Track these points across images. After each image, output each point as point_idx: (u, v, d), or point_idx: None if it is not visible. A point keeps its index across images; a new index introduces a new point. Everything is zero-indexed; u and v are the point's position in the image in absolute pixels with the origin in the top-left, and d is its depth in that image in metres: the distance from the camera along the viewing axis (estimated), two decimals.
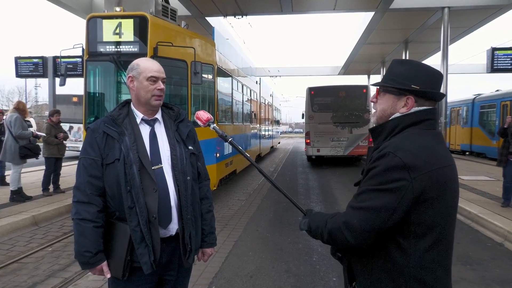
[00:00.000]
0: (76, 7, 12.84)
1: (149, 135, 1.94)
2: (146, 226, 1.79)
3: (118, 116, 1.91)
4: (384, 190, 1.32)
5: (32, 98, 54.82)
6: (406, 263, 1.34)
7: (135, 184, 1.78)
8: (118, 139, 1.83)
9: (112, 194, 1.83)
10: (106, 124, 1.87)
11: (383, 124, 1.51)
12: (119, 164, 1.79)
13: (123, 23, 6.11)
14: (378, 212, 1.31)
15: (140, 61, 1.95)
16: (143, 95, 1.90)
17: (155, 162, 1.89)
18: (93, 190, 1.80)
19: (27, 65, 10.88)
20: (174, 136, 1.98)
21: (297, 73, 32.26)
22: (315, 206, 7.85)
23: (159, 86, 1.92)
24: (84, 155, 1.85)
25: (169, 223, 1.89)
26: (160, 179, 1.87)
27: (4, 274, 4.28)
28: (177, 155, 1.94)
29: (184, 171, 1.94)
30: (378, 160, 1.36)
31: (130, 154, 1.81)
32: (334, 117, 14.57)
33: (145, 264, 1.80)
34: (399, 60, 1.54)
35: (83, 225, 1.78)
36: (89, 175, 1.81)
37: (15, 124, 6.97)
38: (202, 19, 14.36)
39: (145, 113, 1.96)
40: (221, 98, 8.88)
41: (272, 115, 22.50)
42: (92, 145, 1.84)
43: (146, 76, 1.89)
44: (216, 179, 7.83)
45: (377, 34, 16.31)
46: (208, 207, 2.16)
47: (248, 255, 4.88)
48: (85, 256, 1.77)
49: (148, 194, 1.81)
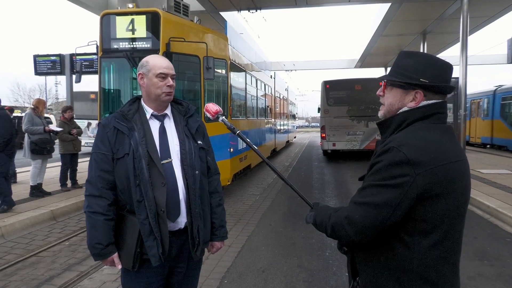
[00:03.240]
0: (92, 4, 13.02)
1: (158, 130, 1.98)
2: (155, 219, 1.83)
3: (128, 111, 1.96)
4: (386, 185, 1.29)
5: (53, 95, 56.18)
6: (410, 260, 1.31)
7: (144, 178, 1.82)
8: (128, 134, 1.87)
9: (122, 188, 1.87)
10: (116, 120, 1.91)
11: (391, 118, 1.47)
12: (129, 159, 1.84)
13: (136, 19, 6.16)
14: (380, 208, 1.29)
15: (149, 58, 1.98)
16: (153, 91, 1.94)
17: (165, 156, 1.93)
18: (104, 184, 1.86)
19: (45, 63, 11.10)
20: (183, 131, 2.02)
21: (313, 66, 31.99)
22: (329, 201, 7.80)
23: (169, 83, 1.95)
24: (96, 150, 1.90)
25: (178, 217, 1.93)
26: (169, 173, 1.91)
27: (23, 267, 4.40)
28: (186, 149, 1.98)
29: (192, 165, 1.97)
30: (382, 155, 1.33)
31: (139, 148, 1.85)
32: (350, 110, 14.40)
33: (153, 257, 1.84)
34: (406, 52, 1.48)
35: (94, 218, 1.84)
36: (100, 169, 1.86)
37: (24, 120, 7.17)
38: (216, 14, 14.37)
39: (155, 108, 2.00)
40: (235, 93, 8.87)
41: (287, 109, 22.38)
42: (103, 140, 1.89)
43: (155, 73, 1.92)
44: (230, 174, 7.85)
45: (394, 26, 16.01)
46: (219, 200, 2.19)
47: (260, 250, 4.89)
48: (96, 248, 1.83)
49: (157, 188, 1.85)
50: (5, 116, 6.17)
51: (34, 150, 7.18)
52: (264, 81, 13.42)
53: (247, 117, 10.23)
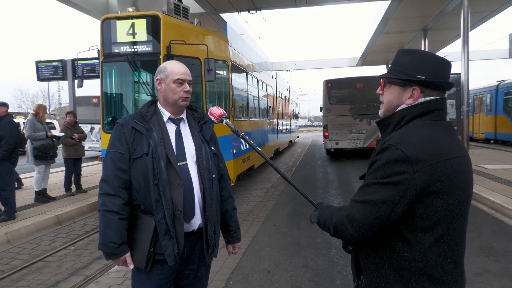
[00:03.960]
0: (93, 9, 13.08)
1: (175, 133, 2.03)
2: (171, 219, 1.87)
3: (146, 113, 2.00)
4: (385, 183, 1.29)
5: (56, 100, 56.33)
6: (412, 257, 1.31)
7: (162, 178, 1.86)
8: (146, 135, 1.91)
9: (138, 187, 1.90)
10: (135, 120, 1.96)
11: (390, 116, 1.48)
12: (148, 158, 1.87)
13: (136, 23, 6.18)
14: (380, 205, 1.29)
15: (167, 64, 2.04)
16: (170, 96, 1.99)
17: (181, 158, 1.97)
18: (120, 183, 1.88)
19: (47, 68, 11.15)
20: (199, 136, 2.08)
21: (314, 66, 31.99)
22: (334, 200, 7.79)
23: (186, 88, 1.99)
24: (113, 149, 1.93)
25: (192, 218, 1.97)
26: (185, 175, 1.95)
27: (29, 272, 4.43)
28: (202, 153, 2.03)
29: (209, 169, 2.03)
30: (380, 153, 1.34)
31: (158, 149, 1.89)
32: (352, 109, 14.39)
33: (169, 256, 1.87)
34: (404, 50, 1.50)
35: (109, 217, 1.85)
36: (116, 168, 1.89)
37: (26, 126, 7.17)
38: (216, 15, 14.40)
39: (172, 112, 2.04)
40: (236, 94, 8.88)
41: (290, 109, 22.37)
42: (121, 139, 1.92)
43: (173, 78, 1.97)
44: (233, 175, 7.86)
45: (394, 23, 15.98)
46: (233, 205, 2.28)
47: (265, 250, 4.89)
48: (110, 246, 1.85)
49: (174, 188, 1.90)
50: (12, 122, 6.20)
51: (37, 156, 7.20)
52: (265, 82, 13.42)
53: (249, 118, 10.23)
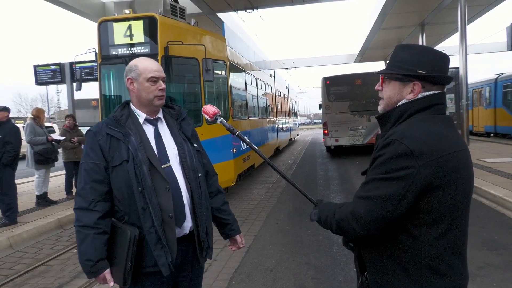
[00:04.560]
0: (90, 12, 13.08)
1: (153, 135, 1.92)
2: (161, 226, 1.76)
3: (121, 117, 1.88)
4: (390, 178, 1.29)
5: (55, 104, 56.41)
6: (418, 252, 1.32)
7: (147, 184, 1.75)
8: (123, 140, 1.79)
9: (121, 197, 1.78)
10: (109, 126, 1.83)
11: (390, 111, 1.48)
12: (129, 165, 1.75)
13: (133, 25, 6.17)
14: (385, 201, 1.29)
15: (138, 62, 1.90)
16: (144, 96, 1.88)
17: (163, 161, 1.87)
18: (96, 195, 1.75)
19: (45, 72, 11.13)
20: (179, 135, 1.98)
21: (313, 63, 31.93)
22: (335, 197, 7.79)
23: (160, 86, 1.88)
24: (86, 160, 1.80)
25: (183, 222, 1.88)
26: (170, 178, 1.85)
27: (32, 276, 4.43)
28: (185, 152, 1.94)
29: (194, 169, 1.94)
30: (383, 148, 1.34)
31: (139, 154, 1.78)
32: (351, 106, 14.38)
33: (163, 266, 1.76)
34: (403, 45, 1.49)
35: (84, 232, 1.72)
36: (91, 180, 1.76)
37: (26, 131, 7.12)
38: (213, 15, 14.38)
39: (148, 113, 1.93)
40: (235, 94, 8.87)
41: (289, 107, 22.36)
42: (94, 148, 1.79)
43: (146, 77, 1.85)
44: (234, 174, 7.85)
45: (391, 19, 15.97)
46: (224, 199, 2.19)
47: (268, 249, 4.89)
48: (86, 265, 1.71)
49: (161, 193, 1.79)
50: (16, 127, 6.19)
51: (39, 161, 7.18)
52: (264, 80, 13.41)
53: (248, 117, 10.23)
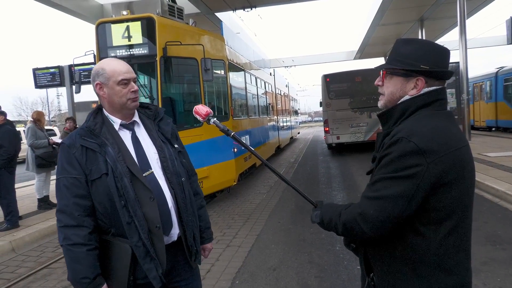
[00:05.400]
0: (88, 14, 13.07)
1: (131, 140, 1.81)
2: (149, 239, 1.69)
3: (94, 126, 1.75)
4: (400, 177, 1.27)
5: (55, 107, 56.48)
6: (427, 250, 1.30)
7: (130, 197, 1.66)
8: (100, 151, 1.69)
9: (104, 212, 1.69)
10: (83, 137, 1.71)
11: (392, 108, 1.46)
12: (109, 179, 1.65)
13: (131, 26, 6.15)
14: (395, 200, 1.27)
15: (105, 65, 1.77)
16: (117, 100, 1.76)
17: (144, 168, 1.77)
18: (81, 211, 1.65)
19: (44, 75, 11.13)
20: (158, 137, 1.87)
21: (312, 61, 31.96)
22: (337, 195, 7.77)
23: (133, 88, 1.77)
24: (64, 175, 1.68)
25: (171, 229, 1.81)
26: (154, 186, 1.75)
27: (35, 280, 4.42)
28: (166, 156, 1.84)
29: (177, 173, 1.85)
30: (391, 146, 1.31)
31: (118, 165, 1.67)
32: (352, 102, 14.34)
33: (154, 279, 1.70)
34: (404, 40, 1.47)
35: (75, 250, 1.63)
36: (74, 196, 1.65)
37: (27, 134, 7.10)
38: (211, 15, 14.36)
39: (123, 118, 1.82)
40: (235, 93, 8.86)
41: (289, 105, 22.33)
42: (71, 162, 1.68)
43: (116, 80, 1.74)
44: (235, 174, 7.84)
45: (390, 15, 15.93)
46: (200, 202, 2.10)
47: (270, 248, 4.87)
48: (83, 283, 1.63)
49: (145, 204, 1.70)
50: (12, 131, 6.17)
51: (41, 164, 7.16)
52: (263, 79, 13.39)
53: (249, 116, 10.21)
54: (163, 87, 6.31)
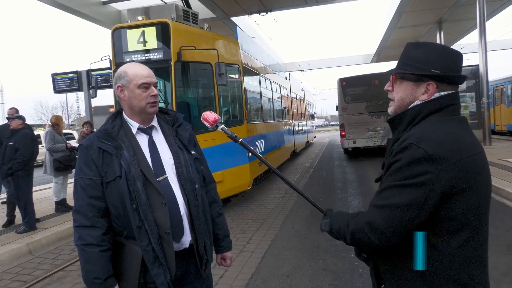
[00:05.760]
0: (106, 20, 13.31)
1: (148, 145, 1.82)
2: (158, 244, 1.69)
3: (112, 128, 1.78)
4: (409, 185, 1.22)
5: (75, 111, 57.63)
6: (439, 262, 1.24)
7: (142, 201, 1.67)
8: (116, 154, 1.71)
9: (117, 214, 1.72)
10: (100, 139, 1.74)
11: (402, 113, 1.41)
12: (122, 182, 1.67)
13: (146, 31, 6.21)
14: (404, 209, 1.22)
15: (127, 68, 1.81)
16: (136, 104, 1.78)
17: (159, 173, 1.77)
18: (95, 212, 1.69)
19: (63, 80, 11.35)
20: (175, 143, 1.87)
21: (328, 64, 31.77)
22: (352, 200, 7.66)
23: (153, 92, 1.79)
24: (81, 175, 1.73)
25: (182, 236, 1.79)
26: (167, 191, 1.76)
27: (50, 282, 4.47)
28: (181, 162, 1.83)
29: (191, 179, 1.83)
30: (400, 153, 1.26)
31: (132, 169, 1.69)
32: (368, 106, 14.19)
33: (162, 285, 1.70)
34: (414, 43, 1.42)
35: (88, 251, 1.66)
36: (89, 197, 1.69)
37: (46, 138, 7.24)
38: (227, 20, 14.43)
39: (141, 122, 1.84)
40: (250, 97, 8.85)
41: (305, 109, 22.24)
42: (88, 163, 1.72)
43: (137, 83, 1.76)
44: (250, 178, 7.80)
45: (408, 17, 15.72)
46: (218, 210, 2.08)
47: (284, 254, 4.81)
48: (95, 283, 1.66)
49: (157, 209, 1.70)
50: (28, 135, 6.26)
51: (59, 168, 7.28)
52: (279, 83, 13.35)
53: (264, 120, 10.18)
54: (178, 92, 6.34)
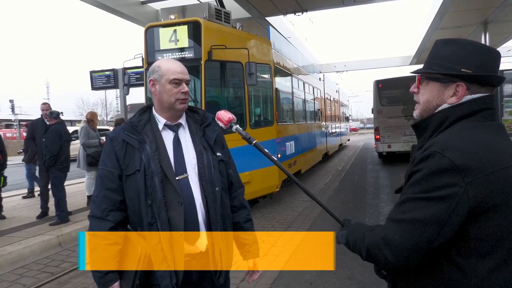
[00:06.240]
0: (144, 20, 13.54)
1: (172, 142, 1.79)
2: (169, 244, 1.63)
3: (138, 122, 1.78)
4: (431, 198, 1.07)
5: (114, 108, 59.52)
6: (466, 287, 1.08)
7: (157, 197, 1.63)
8: (138, 148, 1.69)
9: (133, 209, 1.69)
10: (125, 132, 1.73)
11: (428, 118, 1.26)
12: (139, 176, 1.65)
13: (178, 30, 6.24)
14: (424, 225, 1.08)
15: (161, 63, 1.80)
16: (166, 99, 1.76)
17: (180, 171, 1.73)
18: (109, 204, 1.69)
19: (100, 78, 11.70)
20: (200, 142, 1.82)
21: (365, 66, 30.99)
22: (384, 207, 7.37)
23: (183, 89, 1.76)
24: (102, 166, 1.75)
25: (197, 239, 1.73)
26: (185, 191, 1.71)
27: (76, 275, 4.55)
28: (204, 163, 1.78)
29: (212, 181, 1.77)
30: (422, 162, 1.12)
31: (151, 164, 1.66)
32: (405, 110, 13.68)
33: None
34: (444, 40, 1.27)
35: (94, 242, 1.67)
36: (105, 188, 1.70)
37: (80, 133, 7.52)
38: (262, 20, 14.36)
39: (169, 118, 1.81)
40: (281, 98, 8.73)
41: (339, 111, 21.83)
42: (110, 155, 1.72)
43: (168, 78, 1.74)
44: (278, 180, 7.69)
45: (451, 17, 15.02)
46: (246, 215, 2.00)
47: (309, 260, 4.67)
48: (95, 276, 1.66)
49: (172, 208, 1.65)
50: (55, 131, 6.42)
51: (91, 163, 7.45)
52: (312, 84, 13.14)
53: (295, 122, 10.02)
54: (207, 91, 6.32)
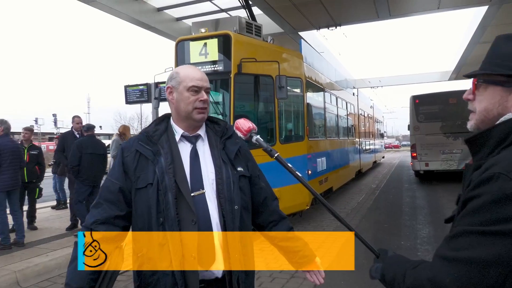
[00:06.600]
0: (177, 35, 13.80)
1: (190, 155, 1.63)
2: (180, 268, 1.46)
3: (154, 132, 1.64)
4: (494, 232, 0.85)
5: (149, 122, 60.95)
6: None
7: (170, 215, 1.48)
8: (152, 160, 1.55)
9: (142, 227, 1.53)
10: (140, 142, 1.60)
11: (487, 130, 1.02)
12: (152, 190, 1.51)
13: (208, 43, 6.22)
14: (485, 268, 0.84)
15: (180, 69, 1.67)
16: (183, 108, 1.61)
17: (196, 187, 1.57)
18: (102, 216, 1.55)
19: (134, 92, 11.89)
20: (220, 156, 1.65)
21: (401, 82, 30.25)
22: (422, 229, 6.91)
23: (202, 97, 1.61)
24: (108, 176, 1.65)
25: (213, 263, 1.54)
26: (200, 208, 1.55)
27: None
28: (223, 178, 1.60)
29: (231, 199, 1.59)
30: (481, 185, 0.90)
31: (165, 178, 1.51)
32: (444, 127, 13.10)
33: None
34: (506, 36, 1.05)
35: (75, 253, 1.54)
36: (103, 199, 1.58)
37: (112, 146, 7.72)
38: (295, 34, 14.29)
39: (186, 128, 1.66)
40: (312, 112, 8.51)
41: (373, 128, 21.27)
42: (117, 165, 1.61)
43: (186, 86, 1.60)
44: (308, 197, 7.40)
45: (493, 31, 14.35)
46: (289, 224, 1.85)
47: (339, 284, 4.38)
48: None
49: (185, 227, 1.49)
50: (76, 143, 6.47)
51: None
52: (345, 99, 12.84)
53: (326, 137, 9.74)
54: (236, 104, 6.22)
